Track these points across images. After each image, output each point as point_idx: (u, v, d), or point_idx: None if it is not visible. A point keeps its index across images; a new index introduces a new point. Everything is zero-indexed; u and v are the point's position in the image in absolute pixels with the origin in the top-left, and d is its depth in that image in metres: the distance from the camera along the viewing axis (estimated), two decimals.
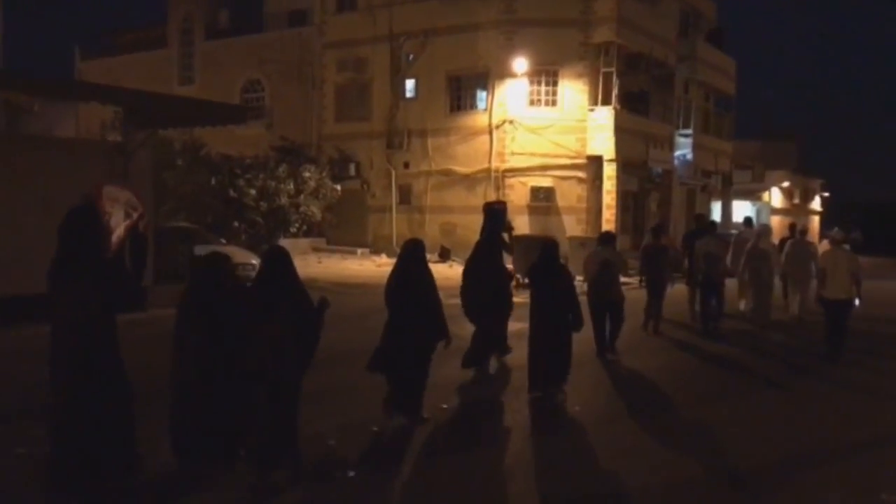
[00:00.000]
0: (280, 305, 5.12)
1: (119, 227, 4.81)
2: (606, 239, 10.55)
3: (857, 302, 10.09)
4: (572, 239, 20.14)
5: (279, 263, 5.31)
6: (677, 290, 12.62)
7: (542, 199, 23.98)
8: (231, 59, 30.50)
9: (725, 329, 12.18)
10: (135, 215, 4.84)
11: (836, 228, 12.21)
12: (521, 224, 23.95)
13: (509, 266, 10.12)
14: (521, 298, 10.22)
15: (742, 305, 13.61)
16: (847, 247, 10.74)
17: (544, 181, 24.30)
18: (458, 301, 8.86)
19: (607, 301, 9.80)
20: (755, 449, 6.53)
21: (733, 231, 21.87)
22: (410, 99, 26.33)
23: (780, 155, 49.43)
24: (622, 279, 10.43)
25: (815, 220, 50.68)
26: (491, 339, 8.79)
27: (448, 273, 19.08)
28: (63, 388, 4.53)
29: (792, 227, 16.11)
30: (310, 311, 5.28)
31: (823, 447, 6.81)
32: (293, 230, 24.85)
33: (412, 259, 6.67)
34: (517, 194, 24.39)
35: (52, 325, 4.54)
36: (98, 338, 4.50)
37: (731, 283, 13.17)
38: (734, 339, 11.72)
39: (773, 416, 7.74)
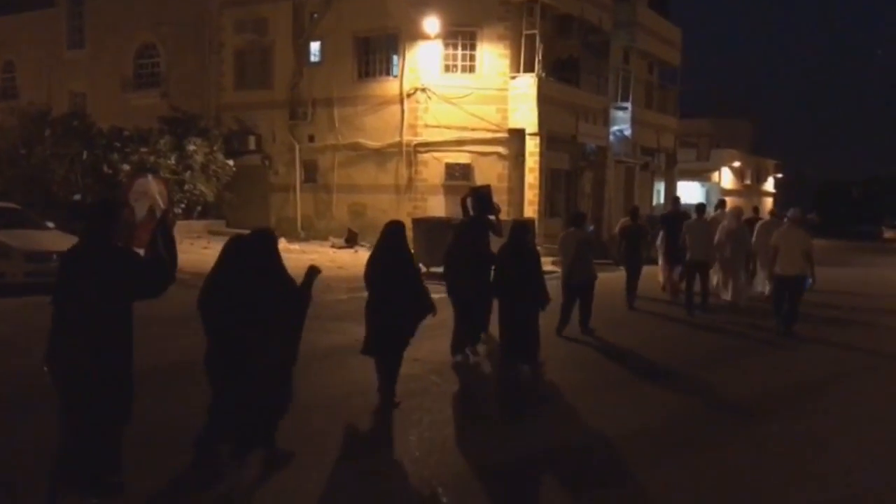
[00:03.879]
0: (275, 293, 5.05)
1: (142, 220, 4.60)
2: (579, 220, 10.86)
3: (810, 281, 10.66)
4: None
5: (268, 249, 5.16)
6: (651, 268, 13.64)
7: (459, 178, 21.33)
8: (124, 20, 27.23)
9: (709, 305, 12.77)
10: (158, 212, 4.78)
11: (793, 209, 12.34)
12: (437, 205, 21.44)
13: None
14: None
15: (715, 282, 13.82)
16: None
17: (461, 157, 21.67)
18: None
19: (583, 280, 10.14)
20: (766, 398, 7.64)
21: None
22: (315, 64, 23.47)
23: (733, 134, 47.60)
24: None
25: (769, 201, 48.90)
26: (472, 321, 8.68)
27: (354, 260, 16.67)
28: (66, 383, 4.39)
29: (755, 209, 17.43)
30: (297, 295, 5.23)
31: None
32: (178, 211, 21.97)
33: (394, 240, 6.82)
34: (431, 171, 21.80)
35: (58, 313, 4.39)
36: (110, 331, 4.40)
37: None
38: (717, 313, 12.52)
39: (779, 373, 8.84)
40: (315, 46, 23.45)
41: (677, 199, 16.33)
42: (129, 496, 4.65)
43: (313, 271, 5.42)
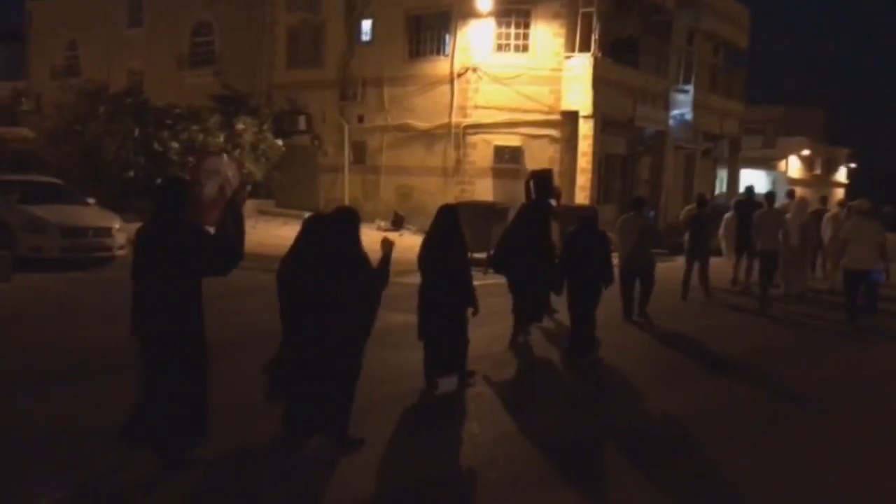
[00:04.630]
0: (354, 272, 5.12)
1: (212, 198, 4.46)
2: (638, 205, 10.66)
3: (883, 276, 10.42)
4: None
5: (351, 228, 5.25)
6: (717, 259, 13.31)
7: (508, 161, 20.72)
8: None
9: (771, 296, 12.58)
10: (228, 191, 4.21)
11: (860, 199, 11.92)
12: (484, 189, 20.87)
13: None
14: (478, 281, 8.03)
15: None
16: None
17: (511, 140, 20.97)
18: (407, 280, 8.45)
19: (640, 267, 10.09)
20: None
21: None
22: (366, 43, 23.05)
23: (804, 122, 45.50)
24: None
25: (840, 192, 46.65)
26: (531, 304, 8.66)
27: (398, 243, 16.18)
28: (148, 350, 4.65)
29: (823, 199, 16.94)
30: (374, 274, 5.28)
31: None
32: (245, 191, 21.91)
33: (447, 224, 6.81)
34: (480, 154, 21.19)
35: (137, 288, 4.66)
36: (184, 304, 4.62)
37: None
38: (779, 303, 12.29)
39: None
40: (366, 25, 23.03)
41: (751, 187, 15.91)
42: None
43: (388, 244, 5.40)
